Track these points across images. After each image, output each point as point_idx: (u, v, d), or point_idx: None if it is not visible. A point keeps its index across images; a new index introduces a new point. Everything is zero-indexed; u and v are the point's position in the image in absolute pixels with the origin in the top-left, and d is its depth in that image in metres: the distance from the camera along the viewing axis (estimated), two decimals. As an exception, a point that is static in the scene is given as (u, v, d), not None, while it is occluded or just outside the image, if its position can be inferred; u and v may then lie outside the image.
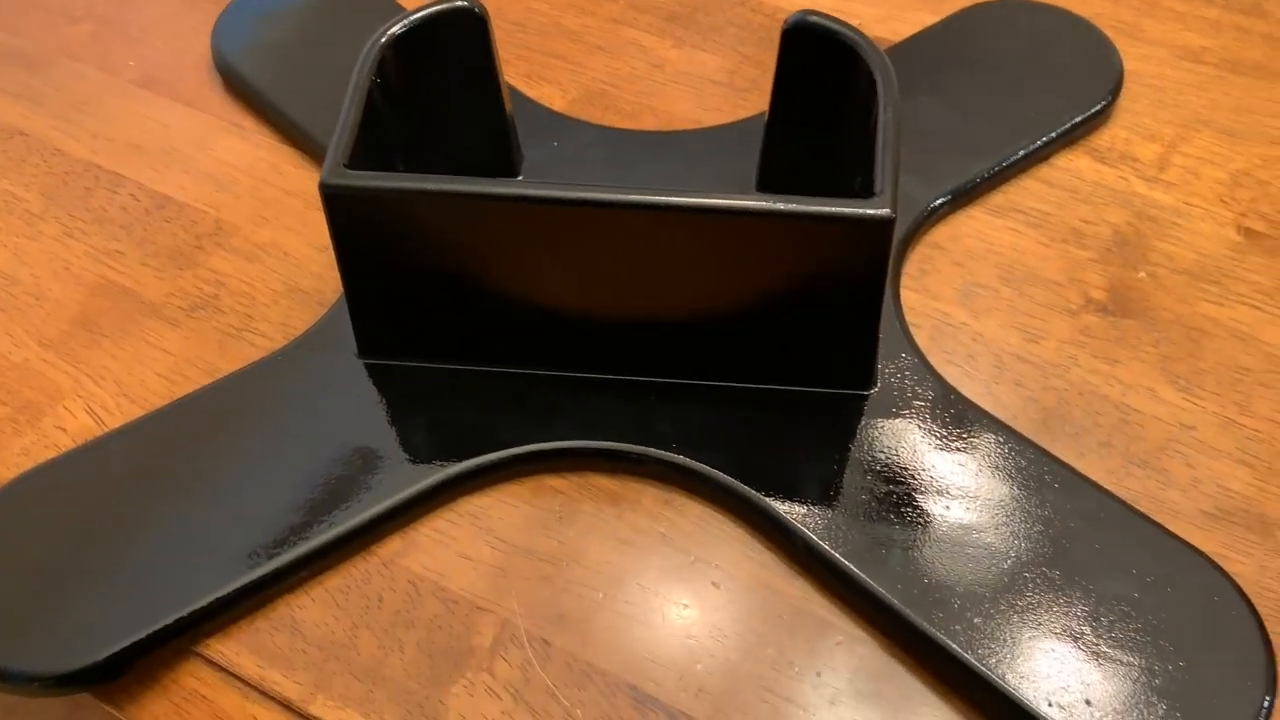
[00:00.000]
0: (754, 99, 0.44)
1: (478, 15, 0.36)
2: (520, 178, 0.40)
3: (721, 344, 0.34)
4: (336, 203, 0.31)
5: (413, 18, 0.34)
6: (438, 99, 0.37)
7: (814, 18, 0.35)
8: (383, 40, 0.34)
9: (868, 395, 0.35)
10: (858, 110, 0.34)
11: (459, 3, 0.35)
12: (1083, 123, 0.42)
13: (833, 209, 0.30)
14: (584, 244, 0.32)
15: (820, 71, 0.36)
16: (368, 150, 0.33)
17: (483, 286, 0.34)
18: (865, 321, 0.33)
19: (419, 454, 0.34)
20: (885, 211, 0.30)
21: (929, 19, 0.47)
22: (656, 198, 0.31)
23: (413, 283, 0.34)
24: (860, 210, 0.30)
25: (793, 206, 0.30)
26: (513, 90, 0.44)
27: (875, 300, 0.32)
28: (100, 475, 0.33)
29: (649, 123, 0.44)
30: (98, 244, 0.41)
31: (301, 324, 0.38)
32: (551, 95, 0.45)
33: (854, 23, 0.36)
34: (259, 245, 0.40)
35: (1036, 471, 0.33)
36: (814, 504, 0.32)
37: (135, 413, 0.36)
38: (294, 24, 0.46)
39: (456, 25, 0.35)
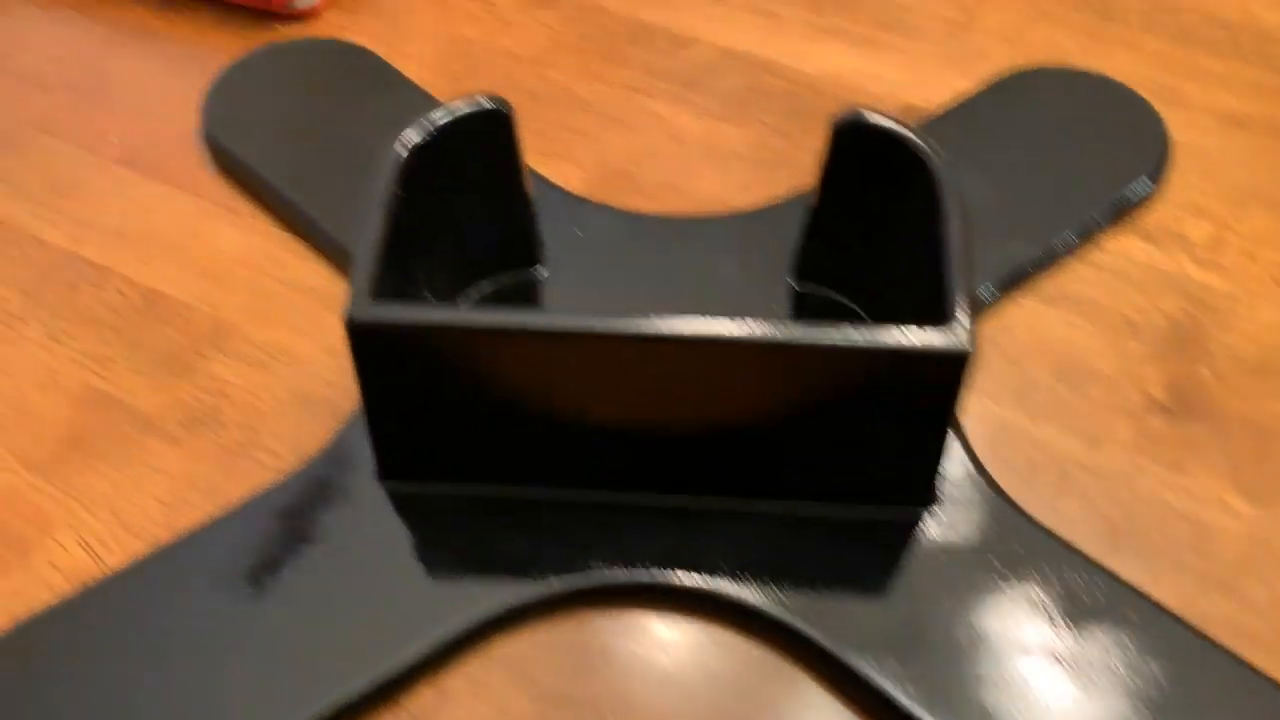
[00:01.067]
0: (781, 175, 0.42)
1: (504, 114, 0.33)
2: (542, 271, 0.38)
3: (774, 465, 0.32)
4: (363, 337, 0.28)
5: (438, 124, 0.31)
6: (458, 199, 0.34)
7: (870, 118, 0.32)
8: (405, 151, 0.31)
9: (926, 513, 0.33)
10: (910, 207, 0.32)
11: (485, 104, 0.32)
12: (1131, 201, 0.40)
13: (906, 343, 0.28)
14: (624, 372, 0.30)
15: (871, 167, 0.34)
16: (389, 265, 0.30)
17: (515, 410, 0.31)
18: (930, 445, 0.31)
19: (449, 593, 0.31)
20: (961, 344, 0.28)
21: (961, 83, 0.44)
22: (699, 330, 0.28)
23: (441, 407, 0.31)
24: (935, 344, 0.28)
25: (862, 340, 0.28)
26: (532, 174, 0.41)
27: (942, 426, 0.30)
28: (95, 628, 0.31)
29: (673, 203, 0.41)
30: (85, 348, 0.37)
31: (311, 437, 0.35)
32: (569, 173, 0.42)
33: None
34: (261, 348, 0.37)
35: (1110, 603, 0.31)
36: (879, 644, 0.30)
37: (133, 544, 0.33)
38: (292, 97, 0.43)
39: (481, 124, 0.33)
